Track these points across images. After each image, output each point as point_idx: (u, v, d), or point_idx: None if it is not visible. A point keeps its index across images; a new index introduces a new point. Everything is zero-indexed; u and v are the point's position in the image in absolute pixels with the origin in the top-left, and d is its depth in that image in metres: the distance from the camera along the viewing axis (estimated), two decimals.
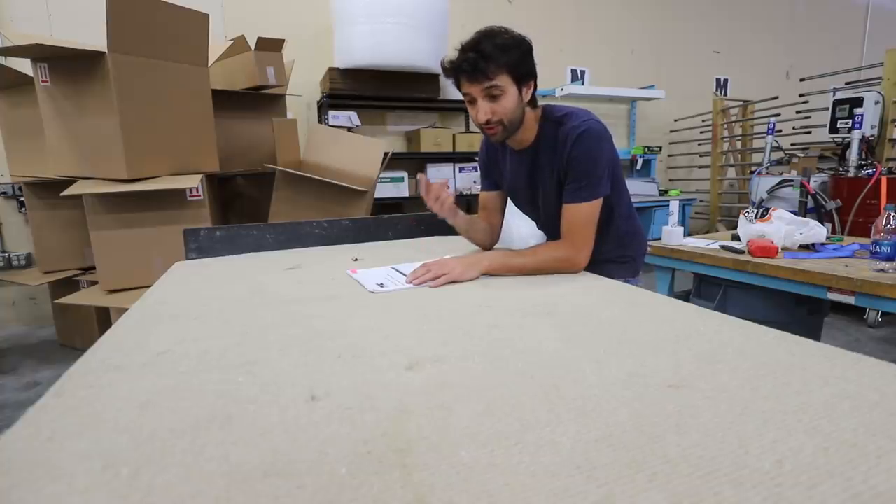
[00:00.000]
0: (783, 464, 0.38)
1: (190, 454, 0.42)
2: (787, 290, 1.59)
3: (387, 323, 0.78)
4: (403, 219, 1.71)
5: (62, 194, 1.97)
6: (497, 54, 1.03)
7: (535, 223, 1.39)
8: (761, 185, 3.55)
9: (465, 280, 1.03)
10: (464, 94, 1.10)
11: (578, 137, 1.09)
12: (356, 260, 1.28)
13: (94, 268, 2.39)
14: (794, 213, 2.08)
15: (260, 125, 2.79)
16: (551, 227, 1.25)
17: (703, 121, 4.96)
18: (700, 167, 5.07)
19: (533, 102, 1.14)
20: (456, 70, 1.07)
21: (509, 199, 1.38)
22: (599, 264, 1.15)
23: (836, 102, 3.32)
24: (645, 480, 0.37)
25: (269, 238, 1.48)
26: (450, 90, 3.79)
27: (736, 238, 1.95)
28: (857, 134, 3.08)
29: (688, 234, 2.10)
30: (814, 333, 1.91)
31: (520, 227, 1.64)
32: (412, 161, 3.98)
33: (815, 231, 1.74)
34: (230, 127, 2.65)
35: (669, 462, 0.39)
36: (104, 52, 1.93)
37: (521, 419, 0.46)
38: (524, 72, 1.08)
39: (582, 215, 1.11)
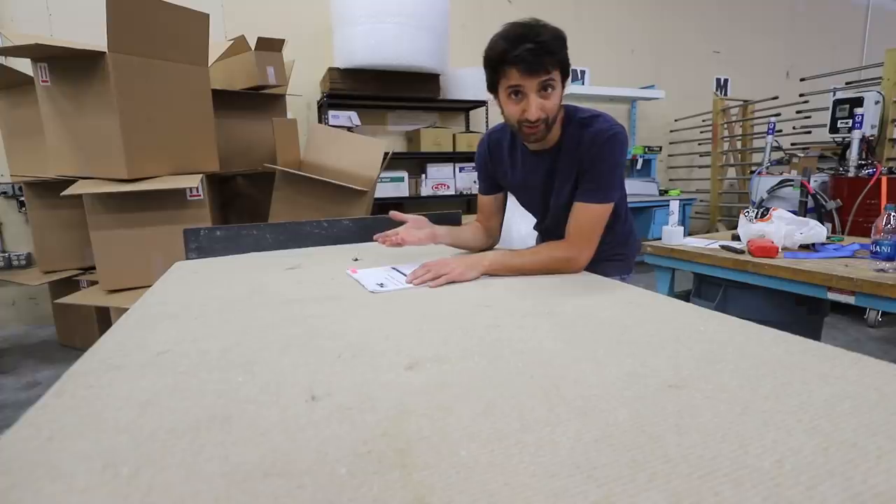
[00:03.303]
0: (783, 464, 0.38)
1: (190, 454, 0.42)
2: (787, 290, 1.59)
3: (387, 323, 0.78)
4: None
5: (62, 194, 1.97)
6: (556, 48, 0.99)
7: (534, 222, 1.39)
8: (761, 185, 3.55)
9: (465, 280, 1.03)
10: (508, 87, 1.02)
11: (607, 141, 1.08)
12: (356, 260, 1.28)
13: (94, 268, 2.40)
14: (795, 212, 2.08)
15: (260, 125, 2.79)
16: (554, 228, 1.25)
17: (703, 121, 4.96)
18: (700, 167, 5.07)
19: None
20: (512, 60, 0.98)
21: (512, 197, 1.37)
22: (597, 263, 1.15)
23: (837, 102, 3.32)
24: (645, 480, 0.37)
25: (269, 238, 1.48)
26: (450, 90, 3.79)
27: (736, 238, 1.94)
28: (857, 134, 3.08)
29: (688, 234, 2.10)
30: (814, 333, 1.91)
31: (520, 227, 1.64)
32: (412, 161, 3.98)
33: (815, 231, 1.74)
34: (230, 127, 2.65)
35: (669, 462, 0.39)
36: (104, 52, 1.93)
37: (521, 419, 0.46)
38: (568, 69, 1.05)
39: (592, 216, 1.11)
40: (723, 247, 1.85)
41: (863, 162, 3.08)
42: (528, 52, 0.97)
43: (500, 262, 1.08)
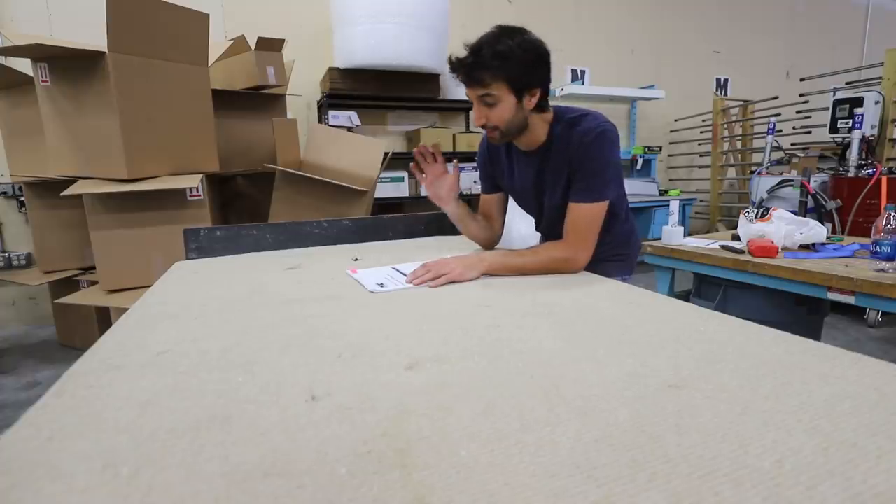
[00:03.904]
0: (783, 464, 0.38)
1: (190, 454, 0.42)
2: (787, 290, 1.59)
3: (387, 323, 0.78)
4: (403, 219, 1.71)
5: (62, 194, 1.97)
6: (493, 63, 1.01)
7: (534, 223, 1.39)
8: (761, 185, 3.55)
9: (465, 280, 1.03)
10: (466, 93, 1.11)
11: (595, 139, 1.08)
12: (356, 260, 1.28)
13: (94, 268, 2.40)
14: (795, 212, 2.08)
15: (260, 125, 2.79)
16: (552, 229, 1.25)
17: (703, 121, 4.96)
18: (700, 167, 5.07)
19: (542, 107, 1.12)
20: (454, 71, 1.06)
21: (510, 199, 1.37)
22: (597, 263, 1.15)
23: (837, 102, 3.32)
24: (645, 480, 0.37)
25: (269, 238, 1.48)
26: (450, 90, 3.79)
27: (736, 238, 1.94)
28: (857, 134, 3.08)
29: (688, 234, 2.10)
30: (814, 333, 1.91)
31: (520, 228, 1.63)
32: (412, 161, 3.97)
33: (815, 231, 1.74)
34: (230, 127, 2.65)
35: (669, 462, 0.39)
36: (104, 52, 1.93)
37: (521, 419, 0.46)
38: (525, 81, 1.05)
39: (587, 215, 1.11)
40: (723, 247, 1.85)
41: (863, 162, 3.07)
42: (465, 65, 1.04)
43: (499, 262, 1.08)
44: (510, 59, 1.01)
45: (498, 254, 1.11)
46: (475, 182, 3.89)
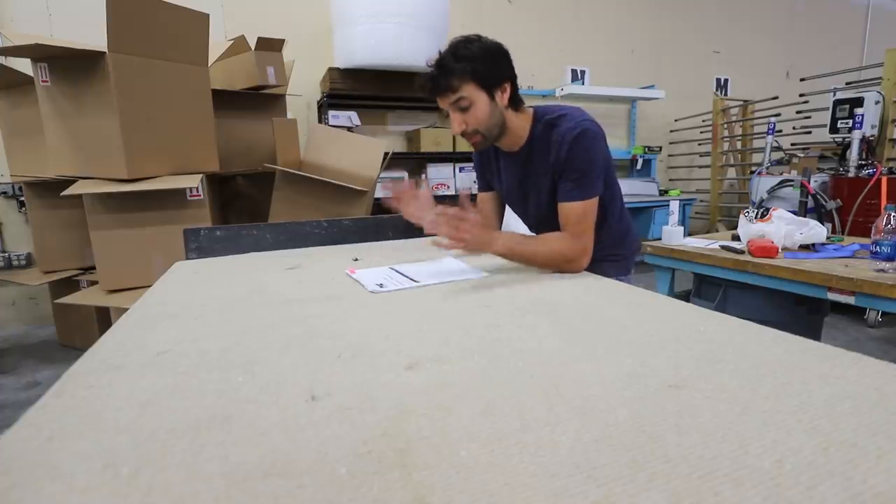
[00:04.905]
0: (783, 464, 0.38)
1: (190, 454, 0.42)
2: (787, 290, 1.59)
3: (387, 323, 0.78)
4: (403, 219, 1.70)
5: (62, 194, 1.97)
6: (457, 66, 1.04)
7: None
8: (761, 185, 3.55)
9: (472, 254, 1.04)
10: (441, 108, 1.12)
11: (575, 138, 1.08)
12: (356, 260, 1.28)
13: (94, 268, 2.40)
14: (795, 213, 2.08)
15: (260, 125, 2.79)
16: (541, 229, 1.25)
17: (703, 121, 4.96)
18: (700, 167, 5.07)
19: (515, 104, 1.12)
20: (423, 89, 1.09)
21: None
22: (594, 263, 1.15)
23: (837, 102, 3.32)
24: (645, 480, 0.37)
25: (269, 238, 1.48)
26: None
27: (736, 238, 1.94)
28: (857, 134, 3.08)
29: (688, 234, 2.10)
30: (814, 333, 1.91)
31: (518, 228, 1.63)
32: (412, 161, 3.98)
33: (816, 231, 1.74)
34: (230, 127, 2.65)
35: (669, 462, 0.39)
36: (104, 52, 1.93)
37: (521, 419, 0.46)
38: (493, 77, 1.07)
39: (580, 213, 1.11)
40: (723, 247, 1.85)
41: (863, 162, 3.07)
42: (430, 78, 1.07)
43: (510, 247, 1.07)
44: (473, 59, 1.04)
45: (510, 238, 1.08)
46: (474, 182, 3.89)
